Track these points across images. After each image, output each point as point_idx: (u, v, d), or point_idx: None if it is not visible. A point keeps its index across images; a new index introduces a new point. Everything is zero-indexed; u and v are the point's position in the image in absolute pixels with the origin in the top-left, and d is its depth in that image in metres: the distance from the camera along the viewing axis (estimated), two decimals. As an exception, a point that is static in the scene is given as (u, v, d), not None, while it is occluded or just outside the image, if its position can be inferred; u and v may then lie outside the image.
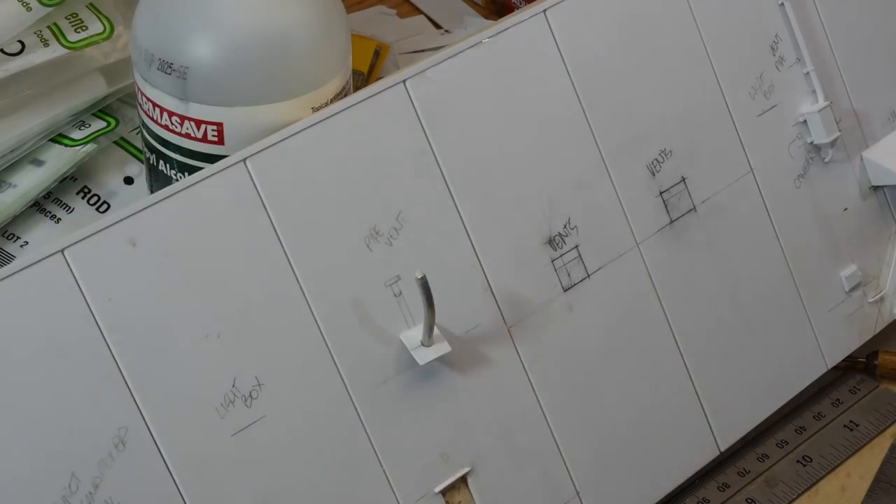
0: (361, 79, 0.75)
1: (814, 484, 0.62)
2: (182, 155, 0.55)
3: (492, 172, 0.55)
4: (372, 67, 0.78)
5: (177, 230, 0.48)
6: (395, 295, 0.52)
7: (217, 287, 0.48)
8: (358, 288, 0.51)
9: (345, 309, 0.51)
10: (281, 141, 0.50)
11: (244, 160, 0.49)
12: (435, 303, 0.50)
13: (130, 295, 0.47)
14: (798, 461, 0.63)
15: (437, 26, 0.85)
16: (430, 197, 0.53)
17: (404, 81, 0.53)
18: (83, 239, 0.46)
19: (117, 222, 0.47)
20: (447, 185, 0.53)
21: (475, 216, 0.54)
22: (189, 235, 0.48)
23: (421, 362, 0.52)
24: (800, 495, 0.61)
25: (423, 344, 0.52)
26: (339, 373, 0.51)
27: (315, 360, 0.50)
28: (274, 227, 0.50)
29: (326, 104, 0.55)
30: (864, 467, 0.62)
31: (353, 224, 0.51)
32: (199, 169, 0.50)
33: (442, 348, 0.52)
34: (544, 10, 0.56)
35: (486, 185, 0.54)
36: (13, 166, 0.64)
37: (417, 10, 0.86)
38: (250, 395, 0.49)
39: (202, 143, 0.54)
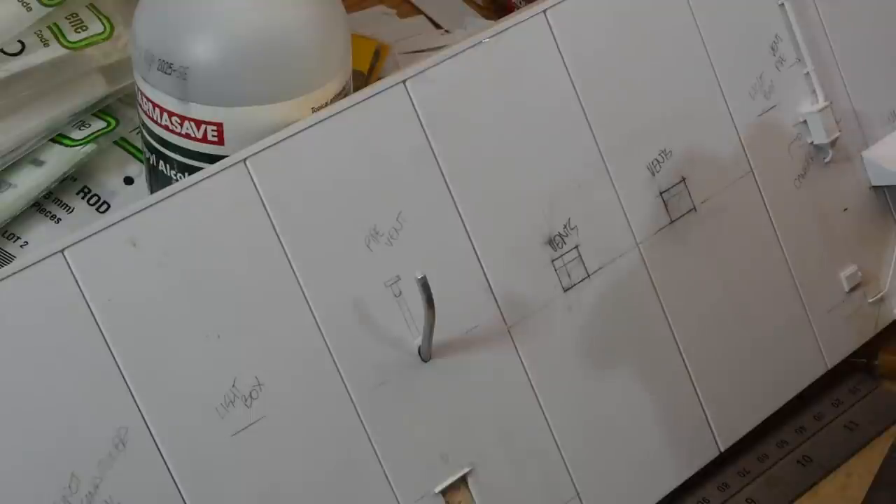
0: (361, 79, 0.75)
1: (814, 484, 0.62)
2: (182, 155, 0.55)
3: (492, 172, 0.55)
4: (372, 67, 0.78)
5: (177, 230, 0.48)
6: (395, 295, 0.52)
7: (217, 287, 0.48)
8: (358, 288, 0.51)
9: (345, 309, 0.51)
10: (281, 141, 0.50)
11: (244, 160, 0.49)
12: (435, 303, 0.50)
13: (130, 295, 0.47)
14: (798, 461, 0.63)
15: (437, 26, 0.85)
16: (430, 197, 0.53)
17: (404, 81, 0.53)
18: (83, 239, 0.46)
19: (117, 222, 0.47)
20: (447, 185, 0.53)
21: (475, 216, 0.54)
22: (189, 235, 0.48)
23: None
24: (800, 495, 0.61)
25: (420, 352, 0.52)
26: (339, 373, 0.51)
27: (315, 361, 0.50)
28: (274, 227, 0.50)
29: (326, 104, 0.55)
30: (864, 467, 0.62)
31: (353, 224, 0.51)
32: (200, 169, 0.50)
33: None
34: (544, 11, 0.56)
35: (486, 185, 0.54)
36: (13, 166, 0.64)
37: (417, 10, 0.86)
38: (250, 396, 0.49)
39: (202, 144, 0.54)
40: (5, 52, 0.63)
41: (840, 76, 0.66)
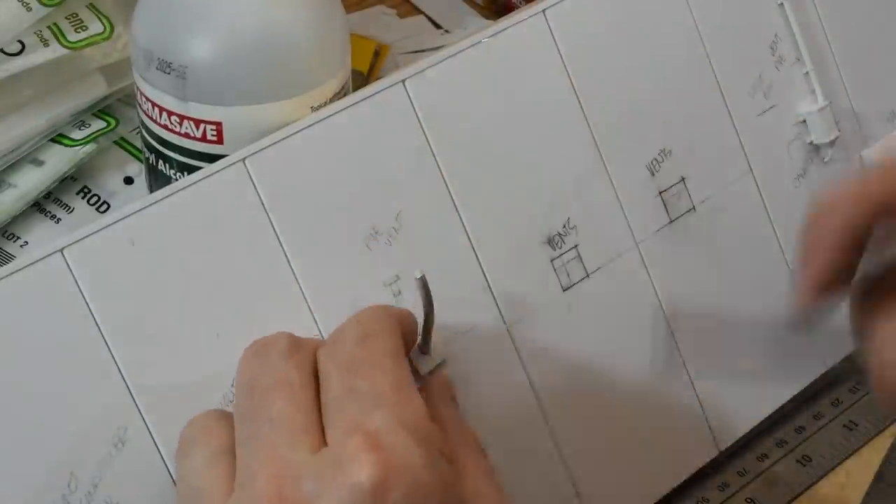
0: (361, 79, 0.75)
1: (813, 483, 0.62)
2: (181, 155, 0.55)
3: (491, 172, 0.55)
4: (372, 67, 0.78)
5: (176, 230, 0.48)
6: (394, 295, 0.52)
7: (216, 286, 0.48)
8: (357, 288, 0.51)
9: (344, 309, 0.50)
10: (280, 141, 0.50)
11: (243, 160, 0.49)
12: (434, 302, 0.50)
13: (130, 295, 0.47)
14: (798, 461, 0.63)
15: (437, 26, 0.85)
16: (429, 197, 0.53)
17: (403, 81, 0.53)
18: (82, 239, 0.46)
19: (116, 222, 0.47)
20: (446, 185, 0.53)
21: (474, 216, 0.54)
22: (188, 235, 0.48)
23: (422, 372, 0.52)
24: (799, 495, 0.61)
25: (420, 347, 0.52)
26: (339, 372, 0.50)
27: (314, 360, 0.50)
28: (273, 227, 0.50)
29: (325, 103, 0.55)
30: (864, 467, 0.62)
31: (352, 224, 0.51)
32: (199, 168, 0.50)
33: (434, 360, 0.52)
34: (543, 10, 0.56)
35: (484, 185, 0.54)
36: (13, 166, 0.65)
37: (417, 10, 0.87)
38: (249, 395, 0.49)
39: (201, 143, 0.54)
40: (5, 53, 0.63)
41: (840, 76, 0.66)
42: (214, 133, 0.54)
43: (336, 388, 0.43)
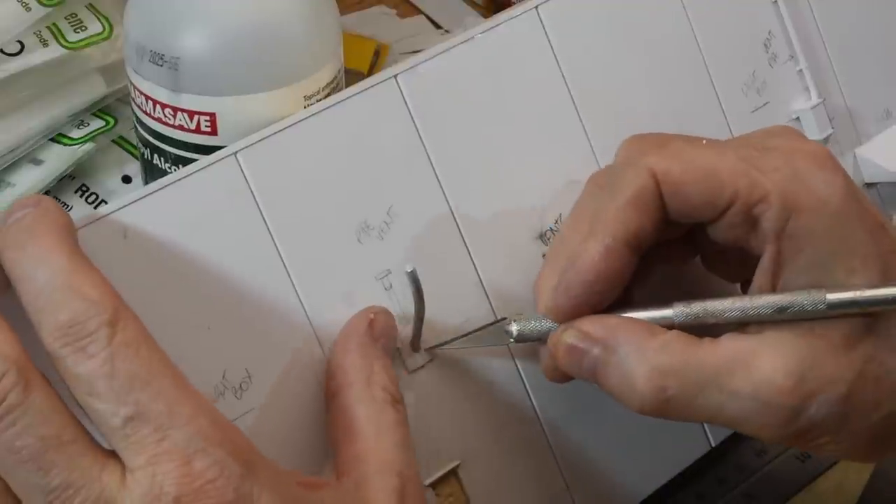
0: (361, 79, 0.75)
1: (812, 480, 0.62)
2: (176, 147, 0.55)
3: (483, 167, 0.55)
4: (372, 67, 0.79)
5: (167, 222, 0.48)
6: (385, 289, 0.52)
7: (207, 279, 0.48)
8: (348, 281, 0.51)
9: (335, 302, 0.51)
10: (272, 135, 0.50)
11: (235, 154, 0.50)
12: (425, 296, 0.50)
13: (121, 287, 0.46)
14: (796, 457, 0.63)
15: (437, 26, 0.86)
16: (421, 191, 0.53)
17: (395, 76, 0.53)
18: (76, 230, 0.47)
19: (108, 214, 0.47)
20: (438, 180, 0.54)
21: (466, 210, 0.54)
22: (180, 228, 0.48)
23: (409, 369, 0.52)
24: (798, 491, 0.61)
25: (410, 344, 0.52)
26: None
27: (305, 353, 0.50)
28: (265, 221, 0.50)
29: (318, 92, 0.55)
30: (861, 464, 0.62)
31: (343, 218, 0.51)
32: (194, 161, 0.50)
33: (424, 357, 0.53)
34: (536, 7, 0.57)
35: (477, 180, 0.54)
36: (12, 166, 0.65)
37: (417, 10, 0.87)
38: (240, 387, 0.49)
39: (196, 135, 0.54)
40: (5, 53, 0.63)
41: (833, 73, 0.66)
42: (208, 124, 0.54)
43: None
